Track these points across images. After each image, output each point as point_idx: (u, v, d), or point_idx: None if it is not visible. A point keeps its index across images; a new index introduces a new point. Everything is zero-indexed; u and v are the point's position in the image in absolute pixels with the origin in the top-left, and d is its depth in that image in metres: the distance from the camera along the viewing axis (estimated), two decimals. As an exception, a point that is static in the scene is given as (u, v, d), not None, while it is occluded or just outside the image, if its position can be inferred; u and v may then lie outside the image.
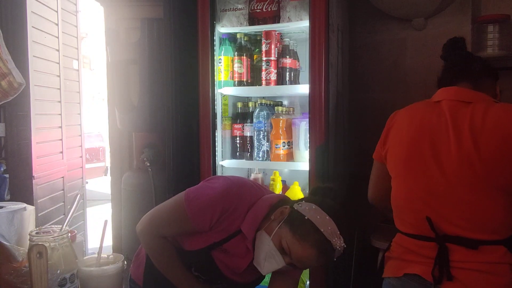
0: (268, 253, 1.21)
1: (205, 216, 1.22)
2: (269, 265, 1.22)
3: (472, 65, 1.40)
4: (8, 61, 1.41)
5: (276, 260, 1.20)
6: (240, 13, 2.07)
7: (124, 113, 2.49)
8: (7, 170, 2.80)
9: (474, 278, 1.20)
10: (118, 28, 2.62)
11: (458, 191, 1.22)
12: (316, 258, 1.17)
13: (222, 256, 1.29)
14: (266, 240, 1.21)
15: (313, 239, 1.15)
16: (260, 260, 1.23)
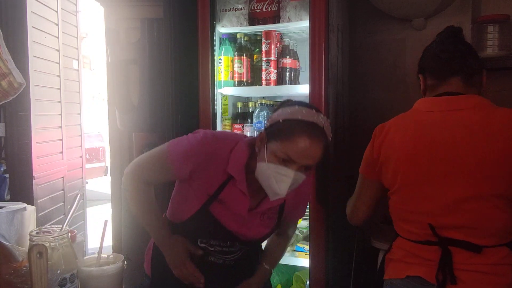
0: (275, 175, 1.20)
1: (184, 161, 1.27)
2: (283, 184, 1.20)
3: (468, 61, 1.33)
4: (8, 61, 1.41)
5: (285, 174, 1.19)
6: (240, 13, 2.07)
7: (124, 113, 2.49)
8: (7, 170, 2.80)
9: (477, 280, 1.19)
10: (118, 28, 2.62)
11: (462, 200, 1.21)
12: (311, 142, 1.17)
13: (221, 209, 1.29)
14: (265, 166, 1.21)
15: (298, 129, 1.17)
16: (274, 187, 1.21)
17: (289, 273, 2.25)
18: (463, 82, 1.32)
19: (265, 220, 1.36)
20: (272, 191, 1.23)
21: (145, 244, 1.56)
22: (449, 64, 1.32)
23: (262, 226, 1.35)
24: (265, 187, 1.24)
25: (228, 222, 1.31)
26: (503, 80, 2.17)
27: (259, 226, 1.35)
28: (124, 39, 2.61)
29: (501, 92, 2.16)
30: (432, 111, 1.31)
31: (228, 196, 1.29)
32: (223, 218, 1.30)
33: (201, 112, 2.07)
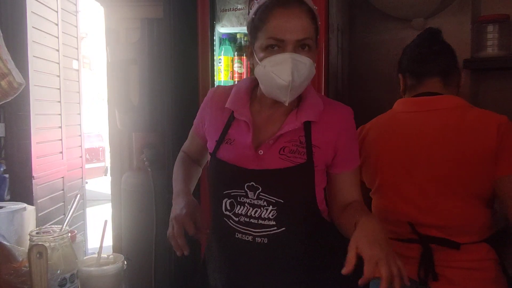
0: (272, 68, 1.07)
1: (197, 117, 1.32)
2: (284, 71, 1.05)
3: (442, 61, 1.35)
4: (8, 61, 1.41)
5: (281, 60, 1.06)
6: (240, 13, 2.07)
7: (124, 113, 2.49)
8: (7, 170, 2.80)
9: (459, 275, 1.21)
10: (118, 28, 2.62)
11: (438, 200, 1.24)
12: (289, 11, 1.06)
13: (230, 150, 1.17)
14: (260, 68, 1.09)
15: (270, 7, 1.08)
16: (278, 82, 1.06)
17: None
18: (442, 82, 1.34)
19: (286, 155, 1.13)
20: (279, 86, 1.06)
21: (145, 244, 1.56)
22: (425, 65, 1.35)
23: (281, 159, 1.12)
24: (272, 91, 1.10)
25: (238, 160, 1.15)
26: (503, 80, 2.18)
27: (278, 160, 1.12)
28: (124, 39, 2.61)
29: (501, 92, 2.16)
30: (409, 111, 1.34)
31: (235, 133, 1.18)
32: (231, 158, 1.16)
33: (201, 112, 2.07)
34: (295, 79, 1.05)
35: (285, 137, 1.14)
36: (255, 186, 1.12)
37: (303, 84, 1.10)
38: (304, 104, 1.16)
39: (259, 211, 1.12)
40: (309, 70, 1.09)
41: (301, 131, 1.14)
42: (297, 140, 1.14)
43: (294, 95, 1.10)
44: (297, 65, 1.06)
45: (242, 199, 1.14)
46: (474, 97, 2.18)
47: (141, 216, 2.43)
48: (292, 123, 1.13)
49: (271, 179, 1.12)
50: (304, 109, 1.15)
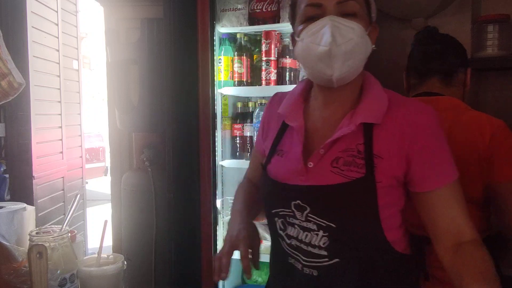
0: (311, 38, 0.91)
1: (258, 132, 1.18)
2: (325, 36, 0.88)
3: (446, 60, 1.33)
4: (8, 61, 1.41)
5: (319, 27, 0.90)
6: (240, 13, 2.07)
7: (124, 113, 2.49)
8: (7, 170, 2.80)
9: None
10: (118, 28, 2.62)
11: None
12: None
13: (279, 162, 1.02)
14: (300, 45, 0.95)
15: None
16: (318, 50, 0.89)
17: (289, 273, 2.25)
18: (440, 82, 1.33)
19: (339, 167, 0.92)
20: (319, 56, 0.89)
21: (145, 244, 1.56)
22: (425, 64, 1.35)
23: (333, 173, 0.92)
24: (315, 68, 0.92)
25: (286, 175, 0.98)
26: (503, 80, 2.17)
27: (329, 174, 0.92)
28: (124, 39, 2.61)
29: (501, 92, 2.16)
30: None
31: (287, 143, 1.03)
32: (280, 173, 1.00)
33: (201, 112, 2.07)
34: (338, 42, 0.87)
35: (339, 145, 0.94)
36: (302, 206, 0.94)
37: (352, 57, 0.90)
38: (363, 102, 0.96)
39: (309, 235, 0.94)
40: (359, 37, 0.90)
41: (359, 137, 0.92)
42: (354, 149, 0.92)
43: (342, 69, 0.89)
44: (340, 29, 0.88)
45: (291, 220, 0.97)
46: (474, 97, 2.18)
47: (141, 216, 2.43)
48: (345, 127, 0.92)
49: (320, 198, 0.92)
50: (362, 108, 0.94)
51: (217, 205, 2.12)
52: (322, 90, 1.00)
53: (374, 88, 0.98)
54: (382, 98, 0.96)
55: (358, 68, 0.94)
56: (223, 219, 2.19)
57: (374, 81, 1.00)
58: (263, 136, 1.14)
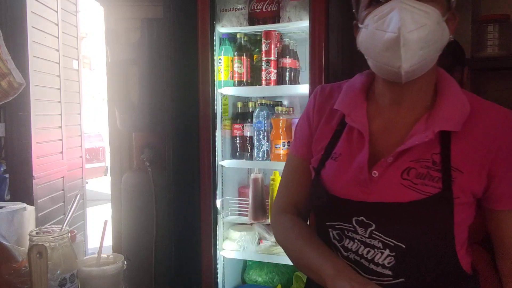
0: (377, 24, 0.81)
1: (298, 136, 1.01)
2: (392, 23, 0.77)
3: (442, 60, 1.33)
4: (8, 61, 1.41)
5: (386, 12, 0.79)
6: (240, 13, 2.07)
7: (124, 113, 2.49)
8: (7, 170, 2.80)
9: None
10: (118, 28, 2.62)
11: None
12: None
13: (335, 168, 0.89)
14: (363, 32, 0.87)
15: None
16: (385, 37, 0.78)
17: (289, 273, 2.25)
18: None
19: (411, 180, 0.80)
20: (387, 44, 0.78)
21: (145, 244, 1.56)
22: None
23: (403, 186, 0.81)
24: (381, 59, 0.81)
25: (345, 185, 0.87)
26: (503, 80, 2.17)
27: (399, 187, 0.81)
28: (124, 39, 2.61)
29: (502, 92, 2.16)
30: None
31: (345, 146, 0.90)
32: (337, 182, 0.88)
33: (201, 112, 2.07)
34: (409, 28, 0.76)
35: (411, 153, 0.82)
36: (366, 222, 0.84)
37: (426, 46, 0.78)
38: (440, 105, 0.84)
39: (372, 252, 0.84)
40: (435, 23, 0.78)
41: (435, 146, 0.82)
42: (429, 160, 0.81)
43: (413, 60, 0.78)
44: (412, 12, 0.77)
45: (350, 234, 0.86)
46: (474, 97, 2.18)
47: (141, 216, 2.43)
48: (421, 134, 0.82)
49: (389, 216, 0.82)
50: (439, 113, 0.83)
51: (217, 205, 2.12)
52: (389, 87, 0.88)
53: (451, 88, 0.86)
54: (462, 102, 0.83)
55: (432, 59, 0.82)
56: (223, 219, 2.19)
57: (450, 80, 0.88)
58: (307, 134, 0.98)
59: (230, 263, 2.28)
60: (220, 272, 2.19)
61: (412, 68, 0.79)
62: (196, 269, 2.13)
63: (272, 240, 2.15)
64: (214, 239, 2.11)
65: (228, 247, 2.19)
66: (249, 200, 2.14)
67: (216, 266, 2.14)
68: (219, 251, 2.17)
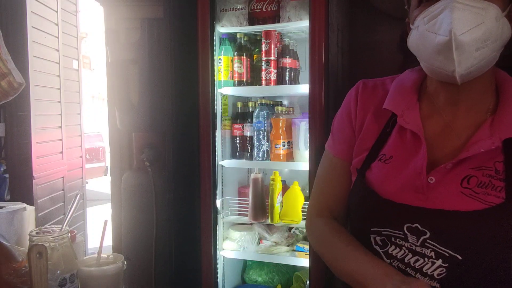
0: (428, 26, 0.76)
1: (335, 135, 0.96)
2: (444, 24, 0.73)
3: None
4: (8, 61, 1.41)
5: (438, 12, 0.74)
6: (240, 13, 2.07)
7: (124, 113, 2.49)
8: (7, 170, 2.80)
9: None
10: (118, 28, 2.62)
11: None
12: None
13: (384, 171, 0.85)
14: (413, 33, 0.81)
15: None
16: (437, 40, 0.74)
17: (289, 273, 2.25)
18: None
19: (472, 189, 0.76)
20: (438, 48, 0.74)
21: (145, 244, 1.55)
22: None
23: (464, 195, 0.76)
24: (434, 62, 0.77)
25: (397, 190, 0.82)
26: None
27: (459, 196, 0.77)
28: (124, 39, 2.61)
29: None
30: None
31: (395, 148, 0.85)
32: (388, 186, 0.83)
33: (201, 112, 2.07)
34: (462, 29, 0.71)
35: (471, 160, 0.78)
36: (420, 230, 0.79)
37: (484, 46, 0.73)
38: (504, 110, 0.79)
39: (421, 261, 0.79)
40: (492, 20, 0.72)
41: (498, 153, 0.77)
42: (492, 168, 0.77)
43: (468, 63, 0.73)
44: (465, 11, 0.71)
45: (398, 241, 0.81)
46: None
47: (141, 216, 2.43)
48: (485, 141, 0.76)
49: (448, 225, 0.76)
50: (504, 118, 0.78)
51: (217, 205, 2.12)
52: (444, 87, 0.82)
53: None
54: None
55: (492, 59, 0.77)
56: (223, 219, 2.19)
57: (511, 80, 0.82)
58: (351, 136, 0.93)
59: (230, 263, 2.28)
60: (220, 272, 2.19)
61: (468, 71, 0.74)
62: (196, 269, 2.13)
63: (272, 240, 2.15)
64: (214, 239, 2.11)
65: (228, 247, 2.19)
66: (249, 200, 2.14)
67: (216, 266, 2.14)
68: (219, 251, 2.17)
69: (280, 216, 2.10)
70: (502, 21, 0.74)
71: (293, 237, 2.18)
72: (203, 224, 2.10)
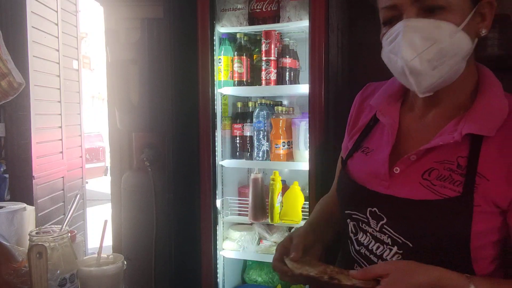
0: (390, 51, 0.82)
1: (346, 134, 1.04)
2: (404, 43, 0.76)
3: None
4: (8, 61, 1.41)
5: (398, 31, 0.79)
6: (240, 13, 2.07)
7: (124, 113, 2.49)
8: (7, 170, 2.80)
9: None
10: (118, 28, 2.62)
11: None
12: None
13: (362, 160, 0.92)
14: (383, 51, 0.86)
15: None
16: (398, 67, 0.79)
17: (289, 273, 2.25)
18: None
19: (431, 181, 0.79)
20: (398, 70, 0.80)
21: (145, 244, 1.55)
22: None
23: (421, 185, 0.80)
24: (401, 80, 0.83)
25: (367, 177, 0.88)
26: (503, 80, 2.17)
27: (417, 186, 0.80)
28: (124, 39, 2.61)
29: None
30: None
31: (376, 140, 0.92)
32: (361, 173, 0.90)
33: (201, 112, 2.07)
34: (411, 54, 0.75)
35: (436, 154, 0.80)
36: (378, 215, 0.84)
37: (442, 63, 0.75)
38: (475, 108, 0.80)
39: (381, 248, 0.84)
40: (447, 36, 0.74)
41: (463, 149, 0.78)
42: (454, 162, 0.78)
43: (426, 83, 0.77)
44: (417, 33, 0.75)
45: (364, 226, 0.87)
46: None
47: (141, 216, 2.43)
48: (446, 135, 0.79)
49: (401, 212, 0.80)
50: (472, 115, 0.79)
51: (217, 205, 2.12)
52: None
53: (491, 90, 0.81)
54: (500, 105, 0.79)
55: (454, 72, 0.78)
56: (223, 219, 2.19)
57: (492, 81, 0.83)
58: (349, 131, 1.02)
59: (230, 263, 2.28)
60: (220, 272, 2.19)
61: (429, 88, 0.79)
62: (196, 269, 2.13)
63: (272, 240, 2.15)
64: (214, 239, 2.11)
65: (228, 247, 2.19)
66: (249, 200, 2.14)
67: (216, 266, 2.14)
68: (219, 251, 2.17)
69: (280, 216, 2.10)
70: (459, 35, 0.76)
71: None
72: (203, 224, 2.10)
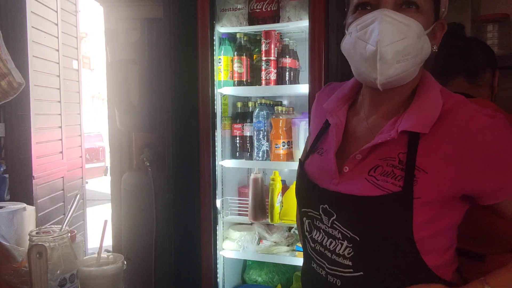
0: (359, 34, 0.83)
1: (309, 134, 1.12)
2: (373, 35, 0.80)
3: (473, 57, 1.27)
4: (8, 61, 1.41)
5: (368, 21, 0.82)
6: (239, 13, 2.07)
7: (124, 113, 2.49)
8: (7, 170, 2.80)
9: None
10: (118, 28, 2.62)
11: None
12: None
13: (317, 160, 0.97)
14: (346, 38, 0.88)
15: None
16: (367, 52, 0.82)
17: (289, 273, 2.25)
18: (468, 81, 1.27)
19: (375, 177, 0.83)
20: (365, 55, 0.82)
21: (145, 244, 1.55)
22: (447, 62, 1.28)
23: (367, 181, 0.84)
24: (361, 67, 0.85)
25: (320, 175, 0.93)
26: (503, 79, 2.17)
27: (363, 182, 0.85)
28: (124, 39, 2.61)
29: (502, 92, 2.16)
30: None
31: (327, 141, 0.97)
32: (315, 172, 0.95)
33: (201, 112, 2.07)
34: (387, 41, 0.79)
35: (380, 152, 0.86)
36: (328, 211, 0.88)
37: (404, 60, 0.81)
38: (411, 108, 0.86)
39: (334, 243, 0.88)
40: (414, 36, 0.80)
41: (403, 146, 0.84)
42: (395, 158, 0.83)
43: (388, 73, 0.81)
44: (392, 25, 0.80)
45: (318, 223, 0.92)
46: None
47: (141, 216, 2.43)
48: (386, 133, 0.85)
49: (347, 207, 0.85)
50: (408, 115, 0.85)
51: (217, 205, 2.12)
52: (370, 91, 0.92)
53: (429, 92, 0.86)
54: (435, 104, 0.84)
55: (410, 72, 0.84)
56: (223, 219, 2.19)
57: (431, 84, 0.88)
58: (310, 132, 1.07)
59: (230, 263, 2.28)
60: (220, 272, 2.19)
61: (388, 81, 0.83)
62: (196, 269, 2.13)
63: (272, 240, 2.15)
64: (214, 239, 2.11)
65: (228, 247, 2.19)
66: (249, 200, 2.14)
67: (216, 266, 2.14)
68: (219, 251, 2.17)
69: (280, 216, 2.10)
70: (423, 38, 0.84)
71: (293, 237, 2.18)
72: (203, 224, 2.10)
